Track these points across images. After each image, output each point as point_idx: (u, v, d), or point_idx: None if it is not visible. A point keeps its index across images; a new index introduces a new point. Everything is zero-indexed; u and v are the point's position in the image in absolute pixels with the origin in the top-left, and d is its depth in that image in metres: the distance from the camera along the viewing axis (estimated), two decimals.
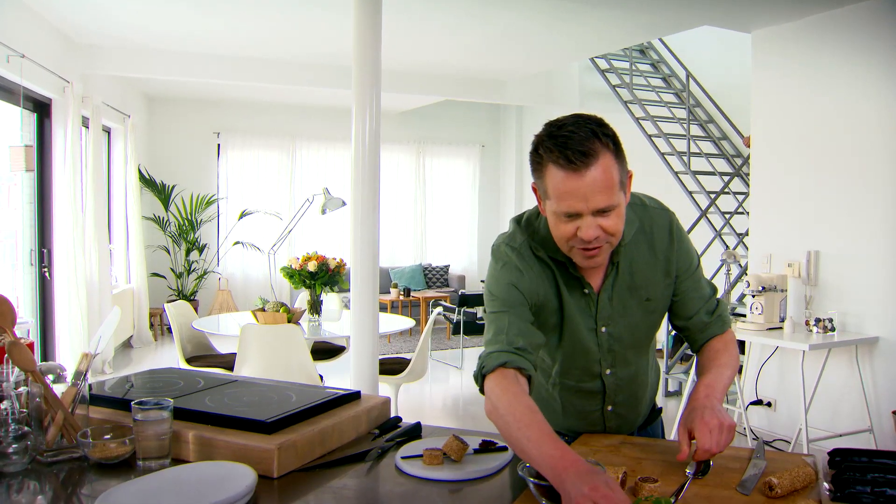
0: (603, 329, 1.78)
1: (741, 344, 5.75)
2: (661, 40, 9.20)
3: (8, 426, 1.62)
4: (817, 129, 5.38)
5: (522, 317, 1.69)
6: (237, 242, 10.65)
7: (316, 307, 5.85)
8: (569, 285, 1.75)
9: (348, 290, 5.01)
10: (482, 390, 1.64)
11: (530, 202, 1.81)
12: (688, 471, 1.55)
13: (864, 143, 5.09)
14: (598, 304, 1.76)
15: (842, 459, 1.56)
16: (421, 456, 1.66)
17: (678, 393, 6.80)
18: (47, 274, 6.78)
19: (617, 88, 8.85)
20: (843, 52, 5.22)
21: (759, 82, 5.82)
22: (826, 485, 1.46)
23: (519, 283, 1.71)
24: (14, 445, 1.62)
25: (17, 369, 1.72)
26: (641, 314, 1.80)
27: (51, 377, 1.79)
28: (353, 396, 1.96)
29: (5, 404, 1.64)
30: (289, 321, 5.03)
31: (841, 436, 4.98)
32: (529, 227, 1.77)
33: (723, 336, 1.86)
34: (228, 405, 1.82)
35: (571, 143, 1.51)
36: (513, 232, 1.78)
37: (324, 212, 6.75)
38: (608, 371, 1.83)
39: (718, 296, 1.90)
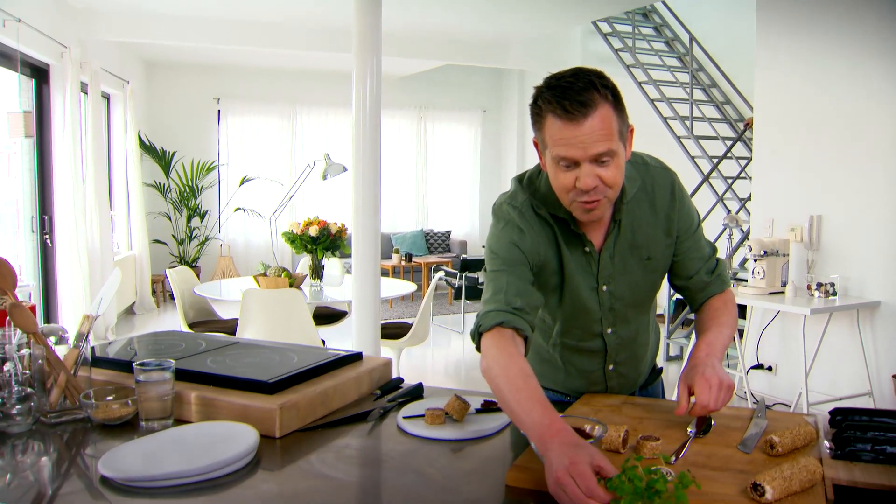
0: (604, 288, 1.78)
1: (742, 308, 5.76)
2: (664, 3, 9.10)
3: (11, 388, 1.63)
4: (821, 93, 5.33)
5: (522, 277, 1.69)
6: (238, 209, 10.64)
7: (317, 272, 5.86)
8: (570, 244, 1.74)
9: (350, 256, 5.01)
10: (479, 348, 1.64)
11: (533, 166, 1.81)
12: (689, 430, 1.55)
13: (867, 108, 5.05)
14: (599, 262, 1.76)
15: (842, 418, 1.57)
16: (423, 416, 1.67)
17: (679, 357, 6.83)
18: (49, 241, 6.78)
19: (619, 52, 8.77)
20: (849, 15, 5.16)
21: (763, 45, 5.76)
22: (827, 443, 1.46)
23: (520, 242, 1.70)
24: (17, 407, 1.62)
25: (19, 331, 1.72)
26: (642, 273, 1.80)
27: (53, 339, 1.79)
28: (356, 357, 1.97)
29: (8, 366, 1.65)
30: (290, 286, 5.03)
31: (841, 399, 5.00)
32: (531, 186, 1.77)
33: (722, 295, 1.86)
34: (230, 366, 1.82)
35: (570, 93, 1.51)
36: (514, 191, 1.78)
37: (325, 177, 6.73)
38: (609, 330, 1.83)
39: (718, 256, 1.90)
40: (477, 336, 1.66)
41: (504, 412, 1.53)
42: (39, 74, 6.70)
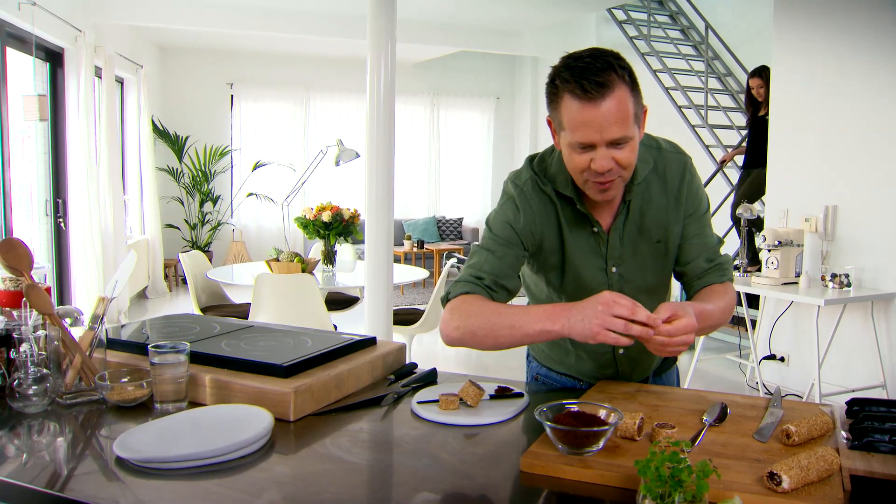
0: (613, 269, 1.77)
1: (755, 298, 5.73)
2: None
3: (27, 369, 1.64)
4: (837, 83, 5.29)
5: (502, 257, 1.73)
6: (251, 194, 10.65)
7: (330, 258, 5.86)
8: (575, 223, 1.74)
9: (362, 241, 5.01)
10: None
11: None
12: (705, 418, 1.55)
13: (884, 98, 5.00)
14: (608, 243, 1.76)
15: (859, 409, 1.55)
16: (437, 401, 1.67)
17: (691, 347, 6.80)
18: (63, 224, 6.81)
19: (634, 40, 8.72)
20: (867, 5, 5.11)
21: (779, 34, 5.71)
22: (844, 433, 1.45)
23: (514, 221, 1.73)
24: (34, 387, 1.63)
25: (34, 312, 1.73)
26: (652, 256, 1.80)
27: (68, 321, 1.80)
28: (370, 342, 1.97)
29: (24, 347, 1.65)
30: (303, 271, 5.04)
31: (853, 391, 4.98)
32: (542, 164, 1.78)
33: (722, 285, 1.83)
34: (245, 349, 1.82)
35: (588, 73, 1.51)
36: (521, 169, 1.80)
37: (337, 163, 6.72)
38: None
39: (724, 252, 1.89)
40: (444, 305, 1.73)
41: (500, 341, 1.61)
42: (54, 58, 6.72)
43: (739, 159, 7.49)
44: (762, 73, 6.41)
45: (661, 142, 1.80)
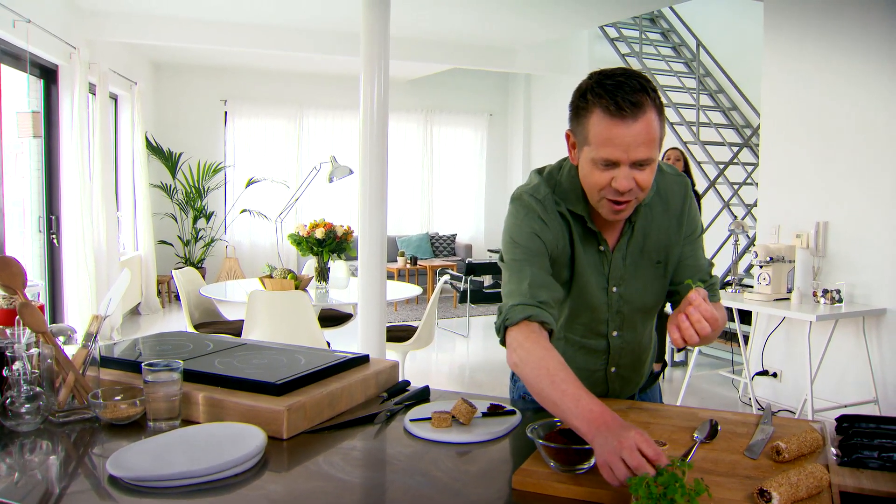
0: (614, 289, 1.79)
1: (747, 314, 5.75)
2: (671, 8, 9.11)
3: (20, 387, 1.64)
4: (828, 99, 5.33)
5: (544, 268, 1.69)
6: (244, 210, 10.65)
7: (323, 274, 5.86)
8: (584, 240, 1.75)
9: (356, 258, 5.01)
10: (503, 342, 1.64)
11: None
12: (695, 435, 1.56)
13: (875, 114, 5.04)
14: (611, 262, 1.77)
15: (849, 425, 1.57)
16: (429, 419, 1.67)
17: (684, 363, 6.82)
18: (56, 241, 6.80)
19: (626, 57, 8.79)
20: (857, 22, 5.16)
21: (770, 51, 5.76)
22: (833, 450, 1.46)
23: (542, 233, 1.71)
24: (26, 406, 1.63)
25: (28, 330, 1.73)
26: (652, 277, 1.81)
27: (61, 339, 1.80)
28: (362, 360, 1.97)
29: (17, 365, 1.65)
30: (296, 288, 5.04)
31: (846, 406, 4.99)
32: (551, 180, 1.77)
33: (715, 304, 1.82)
34: (238, 367, 1.83)
35: (622, 91, 1.51)
36: (537, 183, 1.77)
37: (331, 180, 6.73)
38: (615, 333, 1.83)
39: (720, 272, 1.90)
40: (503, 329, 1.65)
41: (541, 402, 1.49)
42: (48, 75, 6.73)
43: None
44: (676, 149, 6.32)
45: (661, 165, 1.81)
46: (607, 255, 1.76)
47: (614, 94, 1.51)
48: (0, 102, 5.51)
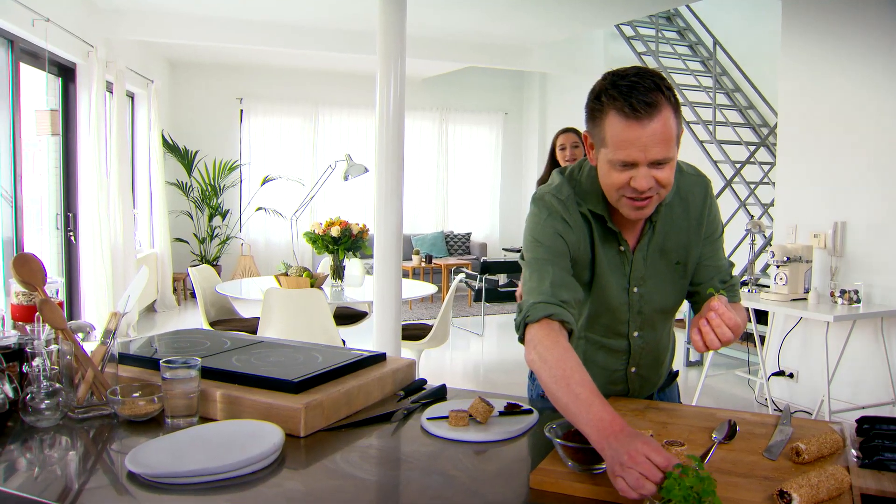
0: (635, 289, 1.78)
1: (763, 314, 5.72)
2: (688, 7, 9.05)
3: (40, 383, 1.65)
4: (846, 97, 5.29)
5: (565, 268, 1.69)
6: (259, 208, 10.68)
7: (338, 272, 5.87)
8: (605, 241, 1.75)
9: (371, 256, 5.01)
10: (522, 339, 1.63)
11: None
12: (714, 435, 1.55)
13: (894, 113, 5.00)
14: (632, 262, 1.77)
15: (870, 427, 1.55)
16: (446, 417, 1.67)
17: (699, 363, 6.79)
18: (73, 238, 6.84)
19: (642, 56, 8.74)
20: (875, 19, 5.11)
21: (787, 49, 5.73)
22: (854, 451, 1.45)
23: (565, 233, 1.70)
24: (46, 402, 1.64)
25: (47, 327, 1.74)
26: (672, 278, 1.81)
27: (80, 335, 1.81)
28: (379, 358, 1.97)
29: (37, 361, 1.66)
30: (312, 286, 5.05)
31: (863, 408, 4.95)
32: (572, 180, 1.77)
33: (735, 304, 1.83)
34: (255, 365, 1.83)
35: (636, 92, 1.51)
36: (560, 183, 1.77)
37: (346, 178, 6.75)
38: (636, 333, 1.83)
39: (734, 274, 1.89)
40: (522, 326, 1.64)
41: (554, 403, 1.48)
42: (66, 73, 6.77)
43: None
44: (574, 130, 4.73)
45: (681, 164, 1.81)
46: (628, 255, 1.76)
47: (628, 95, 1.51)
48: (19, 100, 5.54)
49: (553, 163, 4.71)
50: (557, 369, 1.49)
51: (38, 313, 1.74)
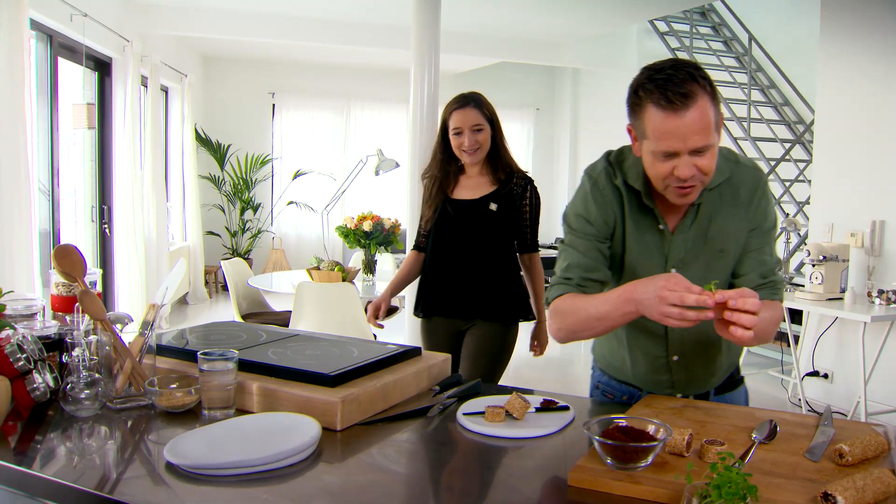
0: (673, 270, 1.78)
1: (797, 314, 5.65)
2: (723, 2, 8.96)
3: (79, 373, 1.67)
4: (885, 95, 5.20)
5: (587, 252, 1.79)
6: (291, 202, 10.73)
7: (370, 267, 5.88)
8: (640, 217, 1.79)
9: (403, 251, 5.01)
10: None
11: (585, 165, 1.86)
12: (755, 435, 1.53)
13: None
14: (672, 243, 1.78)
15: None
16: (483, 413, 1.67)
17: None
18: (107, 230, 6.92)
19: (676, 52, 8.66)
20: None
21: (826, 46, 5.63)
22: None
23: (586, 213, 1.80)
24: (85, 391, 1.66)
25: (87, 318, 1.76)
26: (713, 265, 1.80)
27: (119, 327, 1.83)
28: (415, 353, 1.97)
29: (77, 352, 1.68)
30: (343, 280, 5.06)
31: None
32: (619, 156, 1.83)
33: (771, 302, 1.80)
34: (291, 358, 1.84)
35: (671, 84, 1.55)
36: (598, 160, 1.86)
37: (377, 173, 6.75)
38: None
39: (779, 272, 1.86)
40: (547, 306, 1.83)
41: (590, 330, 1.75)
42: (102, 67, 6.84)
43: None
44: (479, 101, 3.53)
45: (739, 157, 1.83)
46: (667, 235, 1.78)
47: (664, 87, 1.56)
48: (57, 94, 5.61)
49: (445, 147, 3.45)
50: (577, 307, 1.73)
51: (77, 304, 1.76)
